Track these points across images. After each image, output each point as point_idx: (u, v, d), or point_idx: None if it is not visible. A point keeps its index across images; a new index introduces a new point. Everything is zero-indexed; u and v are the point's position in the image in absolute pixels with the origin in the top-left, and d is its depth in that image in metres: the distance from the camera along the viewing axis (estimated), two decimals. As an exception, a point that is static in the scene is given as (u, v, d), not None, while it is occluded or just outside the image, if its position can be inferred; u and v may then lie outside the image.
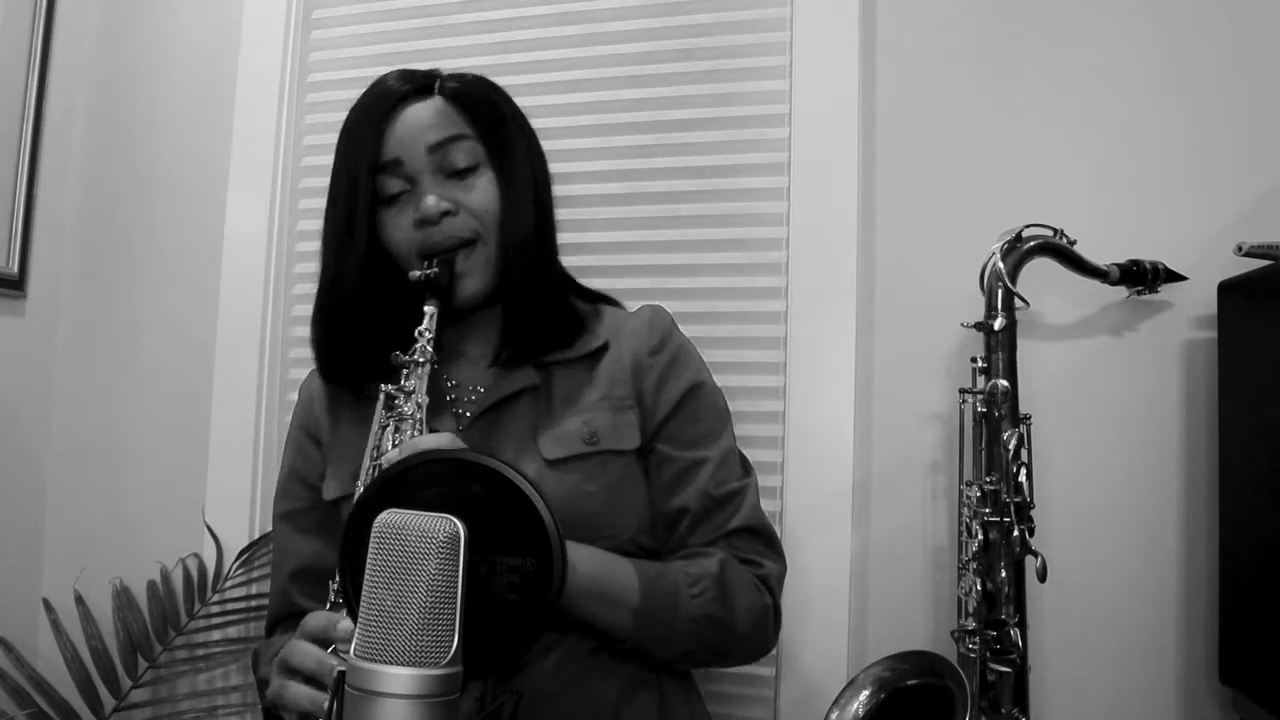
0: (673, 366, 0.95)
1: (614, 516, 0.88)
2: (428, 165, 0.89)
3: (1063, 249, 1.09)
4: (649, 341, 0.95)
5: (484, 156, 0.92)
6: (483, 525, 0.57)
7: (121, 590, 1.43)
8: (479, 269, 0.90)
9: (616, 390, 0.93)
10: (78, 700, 1.35)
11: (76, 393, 1.60)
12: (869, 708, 0.97)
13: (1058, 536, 1.16)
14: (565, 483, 0.87)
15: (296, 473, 0.99)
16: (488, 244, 0.90)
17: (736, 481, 0.93)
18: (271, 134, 1.50)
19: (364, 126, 0.91)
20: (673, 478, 0.92)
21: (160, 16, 1.61)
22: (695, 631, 0.84)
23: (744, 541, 0.91)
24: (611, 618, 0.81)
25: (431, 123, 0.90)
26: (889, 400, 1.26)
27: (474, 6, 1.46)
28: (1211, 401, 1.13)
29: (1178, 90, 1.19)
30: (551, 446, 0.88)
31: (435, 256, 0.88)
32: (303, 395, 1.03)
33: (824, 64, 1.30)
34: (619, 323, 0.98)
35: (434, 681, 0.52)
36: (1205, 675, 1.13)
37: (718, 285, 1.33)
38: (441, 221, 0.88)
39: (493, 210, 0.90)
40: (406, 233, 0.89)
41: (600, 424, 0.90)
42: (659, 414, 0.93)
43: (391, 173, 0.89)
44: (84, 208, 1.62)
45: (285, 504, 0.99)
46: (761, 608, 0.89)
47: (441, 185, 0.89)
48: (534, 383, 0.92)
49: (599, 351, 0.94)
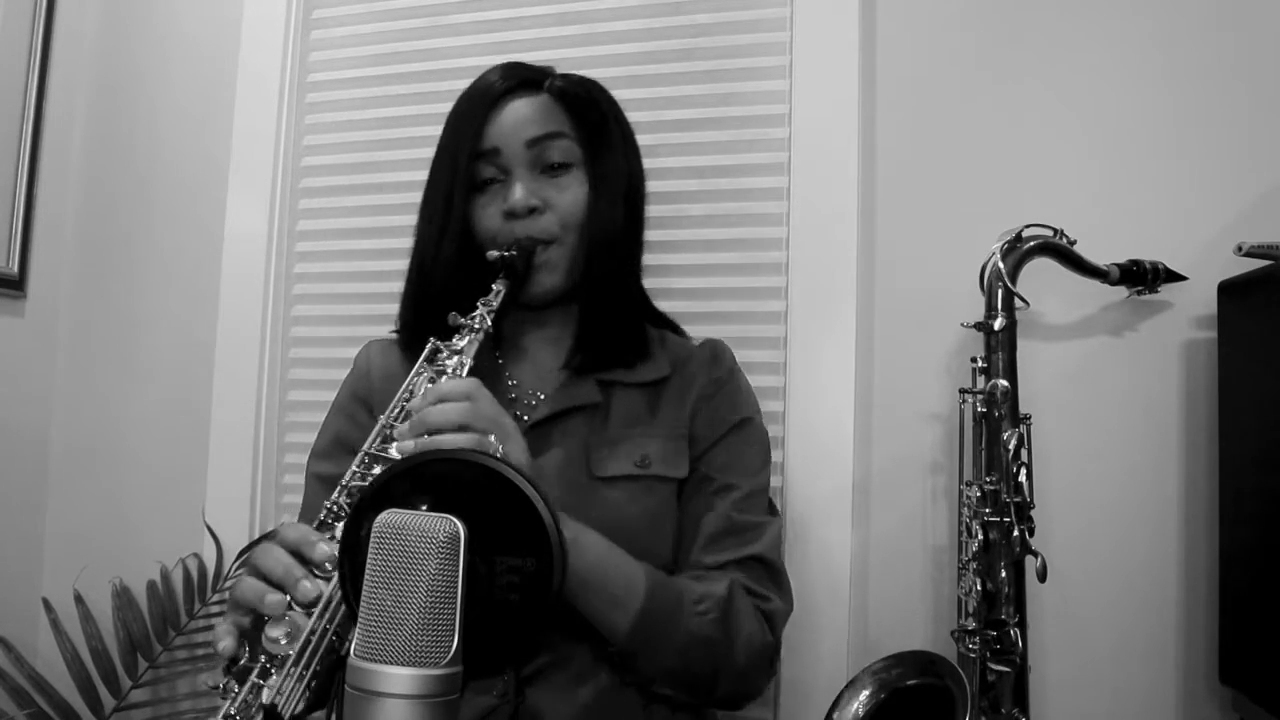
0: (730, 399, 0.98)
1: (653, 542, 0.89)
2: (524, 159, 0.91)
3: (1063, 249, 1.09)
4: (710, 376, 0.98)
5: (580, 158, 0.94)
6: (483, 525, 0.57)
7: (121, 590, 1.43)
8: (556, 265, 0.92)
9: (673, 420, 0.94)
10: (78, 700, 1.35)
11: (76, 393, 1.60)
12: (869, 708, 0.97)
13: (1058, 536, 1.16)
14: (611, 501, 0.88)
15: (343, 439, 0.98)
16: (566, 244, 0.92)
17: (760, 515, 0.94)
18: (271, 134, 1.50)
19: (469, 113, 0.93)
20: (702, 496, 0.93)
21: (160, 16, 1.61)
22: (687, 649, 0.82)
23: (756, 572, 0.90)
24: (610, 616, 0.80)
25: (533, 118, 0.92)
26: (889, 400, 1.26)
27: (474, 6, 1.46)
28: (1211, 401, 1.13)
29: (1178, 90, 1.19)
30: (603, 464, 0.90)
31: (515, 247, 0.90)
32: (359, 363, 1.04)
33: (824, 64, 1.30)
34: (683, 354, 1.00)
35: (434, 681, 0.52)
36: (1205, 675, 1.13)
37: (718, 285, 1.33)
38: (527, 217, 0.90)
39: (578, 212, 0.92)
40: (493, 221, 0.92)
41: (653, 450, 0.92)
42: (705, 441, 0.95)
43: (488, 160, 0.92)
44: (84, 208, 1.62)
45: (324, 466, 0.98)
46: (762, 642, 0.87)
47: (534, 180, 0.92)
48: (595, 400, 0.93)
49: (661, 381, 0.96)
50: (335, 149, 1.51)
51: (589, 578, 0.78)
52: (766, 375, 1.29)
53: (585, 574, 0.77)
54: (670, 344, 1.01)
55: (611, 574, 0.81)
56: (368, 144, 1.49)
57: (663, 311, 1.06)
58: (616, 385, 0.95)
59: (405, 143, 1.47)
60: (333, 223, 1.50)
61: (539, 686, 0.84)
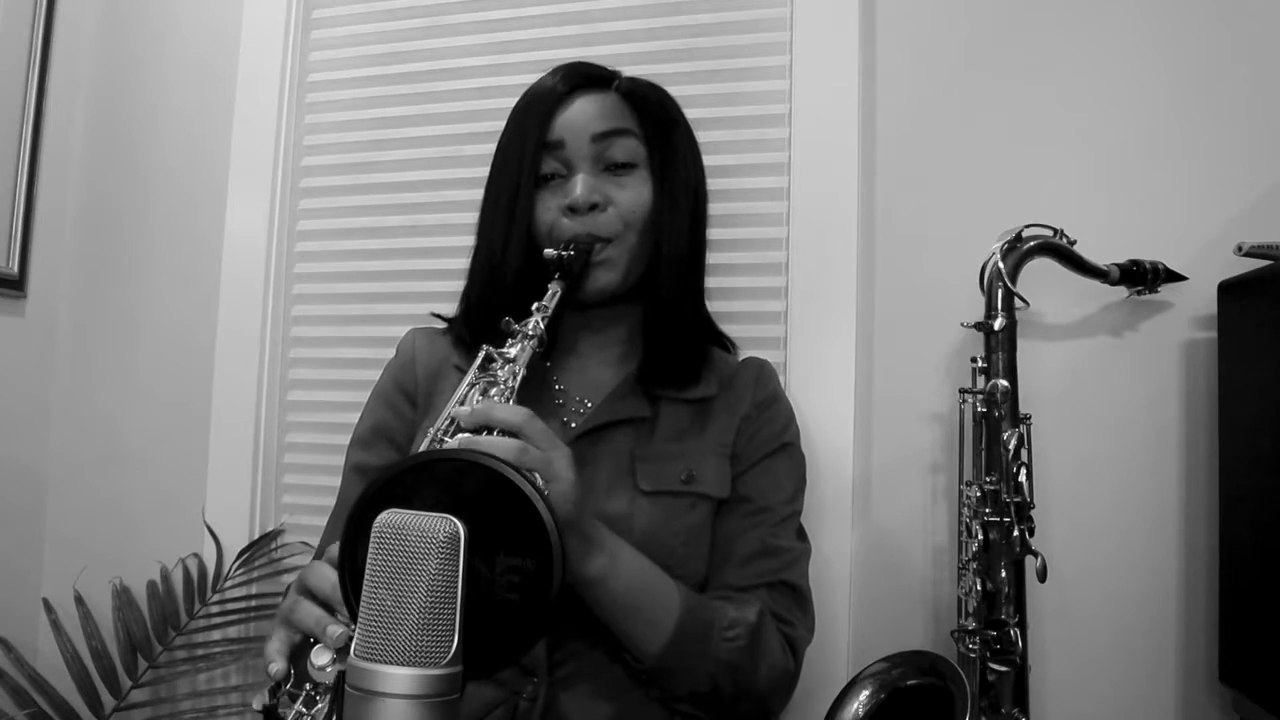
0: (774, 421, 0.98)
1: (689, 558, 0.89)
2: (588, 154, 0.91)
3: (1063, 249, 1.09)
4: (759, 395, 0.98)
5: (644, 158, 0.93)
6: (483, 525, 0.57)
7: (121, 590, 1.43)
8: (614, 263, 0.91)
9: (719, 438, 0.94)
10: (78, 700, 1.35)
11: (76, 393, 1.60)
12: (869, 708, 0.97)
13: (1058, 536, 1.16)
14: (653, 515, 0.88)
15: (383, 428, 0.98)
16: (626, 243, 0.91)
17: (793, 540, 0.94)
18: (271, 134, 1.50)
19: (536, 107, 0.92)
20: (738, 517, 0.93)
21: (160, 16, 1.61)
22: (715, 673, 0.83)
23: (784, 597, 0.91)
24: (643, 636, 0.80)
25: (600, 113, 0.92)
26: (889, 400, 1.26)
27: (474, 6, 1.46)
28: (1211, 401, 1.13)
29: (1178, 90, 1.19)
30: (648, 477, 0.89)
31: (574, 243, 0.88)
32: (403, 352, 1.02)
33: (824, 64, 1.30)
34: (729, 372, 1.00)
35: (434, 681, 0.52)
36: (1205, 675, 1.13)
37: (718, 285, 1.31)
38: (588, 214, 0.89)
39: (640, 212, 0.91)
40: (553, 215, 0.91)
41: (698, 468, 0.91)
42: (746, 461, 0.95)
43: (552, 153, 0.91)
44: (84, 208, 1.62)
45: (364, 456, 0.97)
46: (784, 670, 0.88)
47: (597, 177, 0.91)
48: (644, 414, 0.93)
49: (708, 398, 0.96)
50: (335, 149, 1.51)
51: (624, 598, 0.78)
52: (766, 375, 1.29)
53: (621, 594, 0.78)
54: (716, 361, 1.01)
55: (647, 595, 0.80)
56: (368, 144, 1.49)
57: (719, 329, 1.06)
58: (664, 399, 0.95)
59: (405, 143, 1.47)
60: (333, 223, 1.50)
61: (570, 692, 0.84)
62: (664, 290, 0.93)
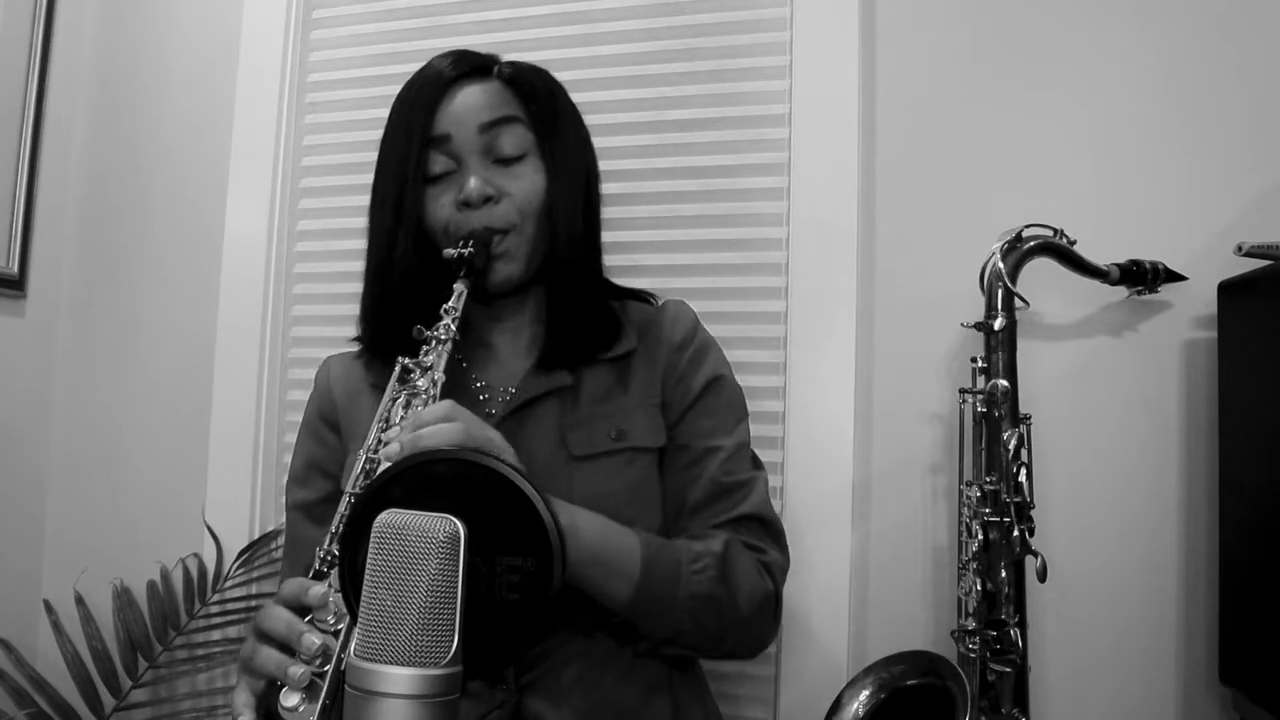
0: (695, 359, 0.96)
1: (638, 513, 0.88)
2: (476, 146, 0.89)
3: (1063, 249, 1.09)
4: (675, 339, 0.96)
5: (533, 145, 0.92)
6: (483, 525, 0.57)
7: (121, 590, 1.43)
8: (515, 254, 0.90)
9: (644, 390, 0.93)
10: (78, 700, 1.35)
11: (76, 393, 1.60)
12: (869, 708, 0.97)
13: (1058, 536, 1.16)
14: (590, 479, 0.87)
15: (315, 463, 0.98)
16: (524, 233, 0.90)
17: (745, 473, 0.93)
18: (271, 134, 1.51)
19: (417, 101, 0.90)
20: (684, 465, 0.92)
21: (160, 16, 1.61)
22: (692, 610, 0.82)
23: (750, 529, 0.90)
24: (611, 587, 0.80)
25: (485, 103, 0.90)
26: (889, 400, 1.26)
27: (474, 6, 1.46)
28: (1211, 401, 1.13)
29: (1177, 90, 1.19)
30: (578, 443, 0.89)
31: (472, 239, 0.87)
32: (320, 383, 1.02)
33: (824, 64, 1.30)
34: (645, 320, 0.98)
35: (434, 681, 0.52)
36: (1205, 675, 1.13)
37: (718, 285, 1.33)
38: (483, 207, 0.88)
39: (535, 200, 0.90)
40: (447, 212, 0.89)
41: (628, 422, 0.91)
42: (679, 407, 0.94)
43: (439, 148, 0.89)
44: (84, 208, 1.62)
45: (302, 493, 0.98)
46: (764, 593, 0.88)
47: (488, 169, 0.89)
48: (566, 383, 0.92)
49: (629, 354, 0.95)
50: (335, 149, 1.51)
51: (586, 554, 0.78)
52: (766, 375, 1.29)
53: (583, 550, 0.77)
54: (633, 313, 0.99)
55: (608, 546, 0.80)
56: (368, 144, 1.46)
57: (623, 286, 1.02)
58: (584, 365, 0.94)
59: None
60: (333, 223, 1.50)
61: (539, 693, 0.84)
62: (564, 273, 0.92)
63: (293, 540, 0.98)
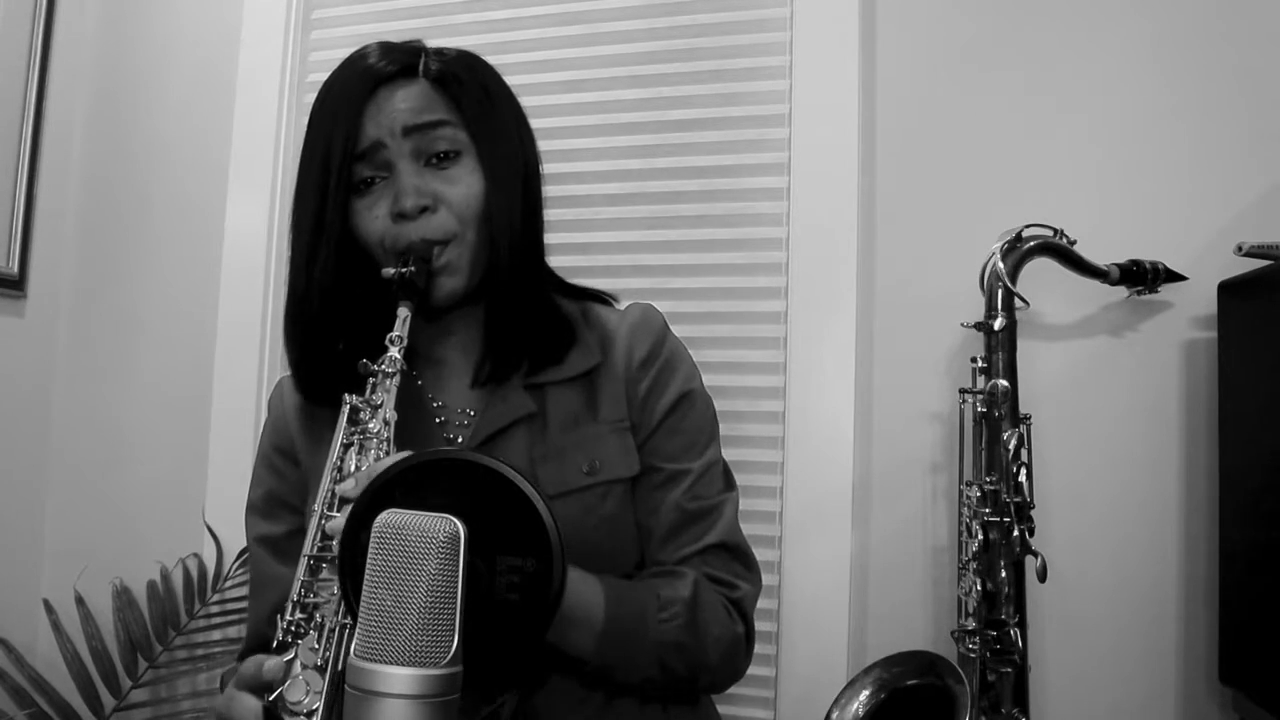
0: (661, 376, 0.90)
1: (615, 549, 0.85)
2: (406, 152, 0.82)
3: (1063, 249, 1.10)
4: (640, 352, 0.90)
5: (468, 144, 0.84)
6: (483, 525, 0.57)
7: (121, 590, 1.43)
8: (457, 266, 0.83)
9: (613, 411, 0.88)
10: (78, 700, 1.35)
11: (76, 393, 1.60)
12: (869, 708, 0.97)
13: (1058, 536, 1.16)
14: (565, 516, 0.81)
15: (276, 495, 0.92)
16: (465, 241, 0.83)
17: (715, 496, 0.89)
18: (271, 134, 1.51)
19: (339, 108, 0.83)
20: (651, 489, 0.88)
21: (160, 16, 1.61)
22: (661, 658, 0.80)
23: (718, 559, 0.87)
24: (573, 639, 0.77)
25: (412, 106, 0.83)
26: (889, 400, 1.26)
27: (474, 6, 1.46)
28: (1211, 401, 1.13)
29: (1178, 90, 1.19)
30: (550, 479, 0.83)
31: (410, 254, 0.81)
32: (273, 411, 0.95)
33: (824, 64, 1.30)
34: (610, 329, 0.91)
35: (434, 681, 0.52)
36: (1205, 675, 1.13)
37: (718, 285, 1.33)
38: (419, 218, 0.81)
39: (474, 205, 0.84)
40: (381, 224, 0.82)
41: (600, 452, 0.86)
42: (646, 428, 0.89)
43: (367, 159, 0.82)
44: (84, 208, 1.62)
45: (265, 527, 0.92)
46: (732, 638, 0.84)
47: (420, 175, 0.83)
48: (530, 410, 0.86)
49: (593, 370, 0.89)
50: (335, 149, 1.51)
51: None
52: (766, 375, 1.29)
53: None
54: (595, 319, 0.92)
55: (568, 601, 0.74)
56: (368, 144, 1.49)
57: (581, 285, 0.95)
58: (548, 386, 0.88)
59: None
60: (333, 223, 1.50)
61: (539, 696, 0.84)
62: (500, 269, 0.85)
63: (258, 578, 0.92)
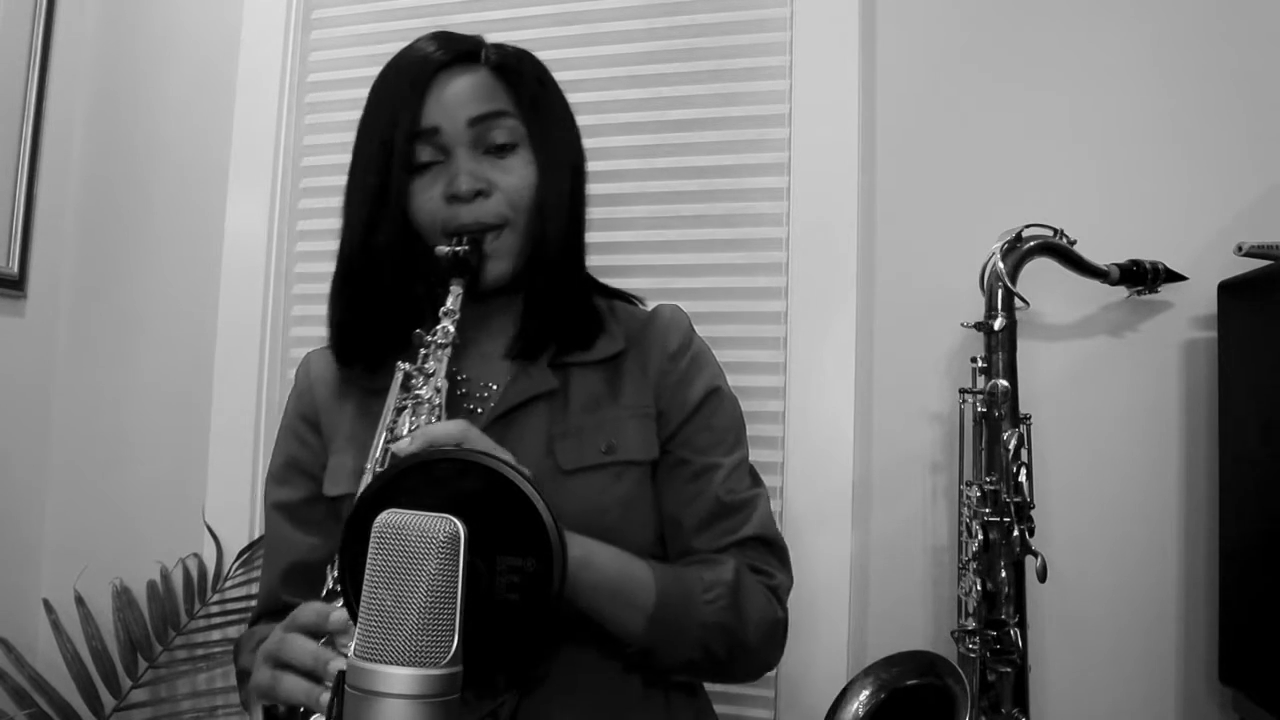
0: (691, 370, 0.93)
1: (628, 529, 0.86)
2: (466, 138, 0.86)
3: (1063, 249, 1.10)
4: (669, 346, 0.93)
5: (524, 136, 0.88)
6: (483, 525, 0.57)
7: (121, 590, 1.43)
8: (507, 252, 0.87)
9: (637, 398, 0.90)
10: (78, 700, 1.35)
11: (76, 393, 1.60)
12: (869, 708, 0.97)
13: (1058, 536, 1.16)
14: (580, 494, 0.85)
15: (296, 462, 0.95)
16: (516, 228, 0.87)
17: (747, 491, 0.91)
18: (271, 134, 1.51)
19: (402, 90, 0.86)
20: (684, 481, 0.90)
21: (160, 16, 1.61)
22: (703, 639, 0.82)
23: (755, 551, 0.89)
24: (624, 619, 0.79)
25: (474, 95, 0.86)
26: (889, 400, 1.26)
27: (474, 7, 1.46)
28: (1211, 401, 1.13)
29: (1178, 90, 1.19)
30: (568, 455, 0.86)
31: (463, 235, 0.84)
32: (300, 381, 0.98)
33: (824, 64, 1.30)
34: (638, 324, 0.95)
35: (434, 681, 0.52)
36: (1205, 675, 1.13)
37: (718, 285, 1.33)
38: (473, 201, 0.85)
39: (526, 195, 0.87)
40: (435, 204, 0.85)
41: (619, 434, 0.88)
42: (675, 419, 0.91)
43: (427, 140, 0.86)
44: (84, 208, 1.62)
45: (282, 493, 0.94)
46: (772, 621, 0.87)
47: (477, 161, 0.86)
48: (552, 386, 0.89)
49: (618, 356, 0.92)
50: (335, 149, 1.51)
51: (602, 585, 0.77)
52: (766, 375, 1.29)
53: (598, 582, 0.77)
54: (622, 314, 0.96)
55: (621, 577, 0.79)
56: (368, 144, 1.49)
57: (612, 285, 0.99)
58: (573, 367, 0.90)
59: None
60: (333, 223, 1.48)
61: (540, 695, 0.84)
62: (546, 257, 0.89)
63: (274, 543, 0.95)
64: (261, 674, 0.71)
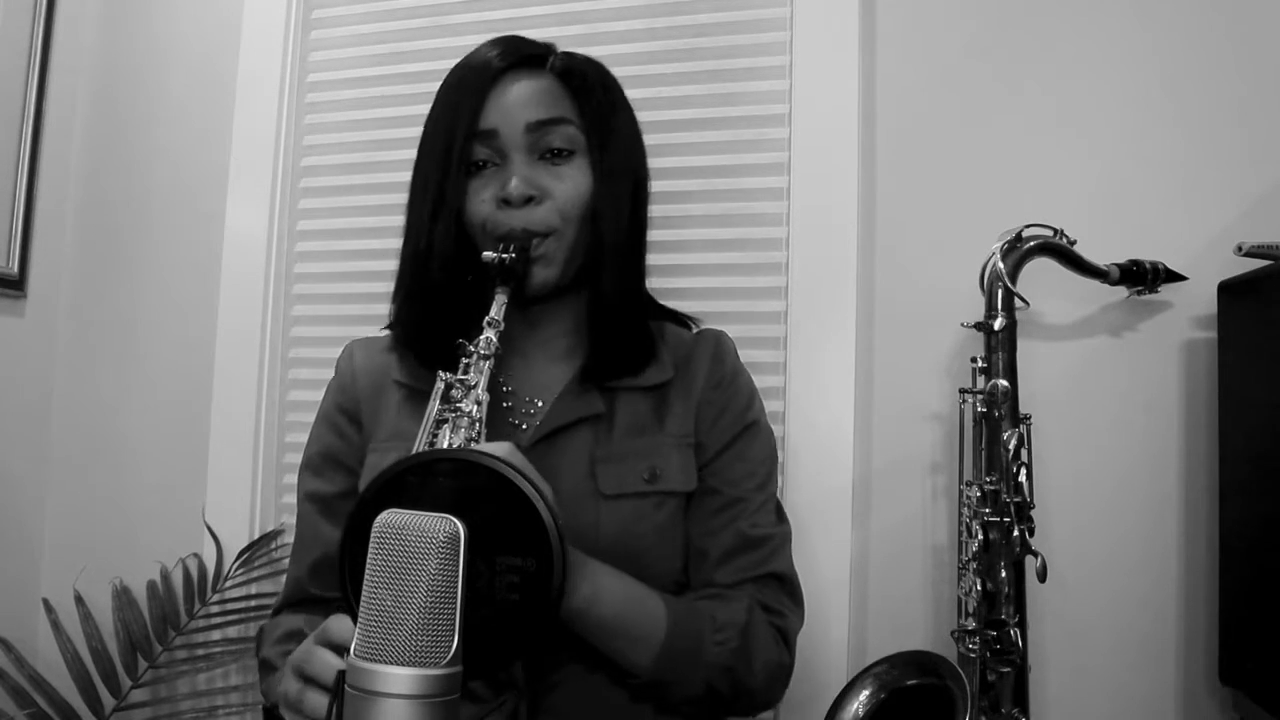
0: (733, 402, 0.93)
1: (661, 558, 0.87)
2: (523, 143, 0.85)
3: (1063, 249, 1.09)
4: (713, 375, 0.93)
5: (583, 145, 0.88)
6: (483, 525, 0.57)
7: (121, 590, 1.43)
8: (553, 259, 0.86)
9: (679, 427, 0.90)
10: (78, 700, 1.35)
11: (76, 393, 1.60)
12: (869, 708, 0.97)
13: (1058, 536, 1.16)
14: (617, 518, 0.85)
15: (332, 454, 0.94)
16: (564, 237, 0.86)
17: (772, 527, 0.91)
18: (271, 134, 1.50)
19: (466, 90, 0.86)
20: (711, 512, 0.90)
21: (160, 16, 1.61)
22: (709, 679, 0.82)
23: (771, 589, 0.89)
24: (633, 654, 0.79)
25: (534, 100, 0.86)
26: (889, 400, 1.26)
27: (474, 6, 1.46)
28: (1211, 401, 1.13)
29: (1178, 90, 1.19)
30: (609, 480, 0.86)
31: (510, 241, 0.84)
32: (342, 372, 0.98)
33: (824, 64, 1.30)
34: (685, 349, 0.95)
35: (434, 681, 0.52)
36: (1205, 675, 1.13)
37: (718, 285, 1.33)
38: (524, 207, 0.84)
39: (579, 204, 0.86)
40: (487, 207, 0.85)
41: (662, 463, 0.88)
42: (711, 449, 0.91)
43: (484, 141, 0.86)
44: (84, 208, 1.62)
45: (316, 484, 0.94)
46: (777, 665, 0.87)
47: (532, 167, 0.86)
48: (598, 411, 0.89)
49: (665, 384, 0.92)
50: (335, 149, 1.51)
51: (611, 623, 0.77)
52: (766, 375, 1.29)
53: (608, 619, 0.77)
54: (670, 338, 0.96)
55: (632, 614, 0.79)
56: (368, 144, 1.49)
57: (664, 305, 1.00)
58: (620, 391, 0.90)
59: (405, 143, 1.43)
60: (333, 223, 1.50)
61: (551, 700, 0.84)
62: (606, 281, 0.88)
63: (304, 534, 0.94)
64: (289, 685, 0.70)
